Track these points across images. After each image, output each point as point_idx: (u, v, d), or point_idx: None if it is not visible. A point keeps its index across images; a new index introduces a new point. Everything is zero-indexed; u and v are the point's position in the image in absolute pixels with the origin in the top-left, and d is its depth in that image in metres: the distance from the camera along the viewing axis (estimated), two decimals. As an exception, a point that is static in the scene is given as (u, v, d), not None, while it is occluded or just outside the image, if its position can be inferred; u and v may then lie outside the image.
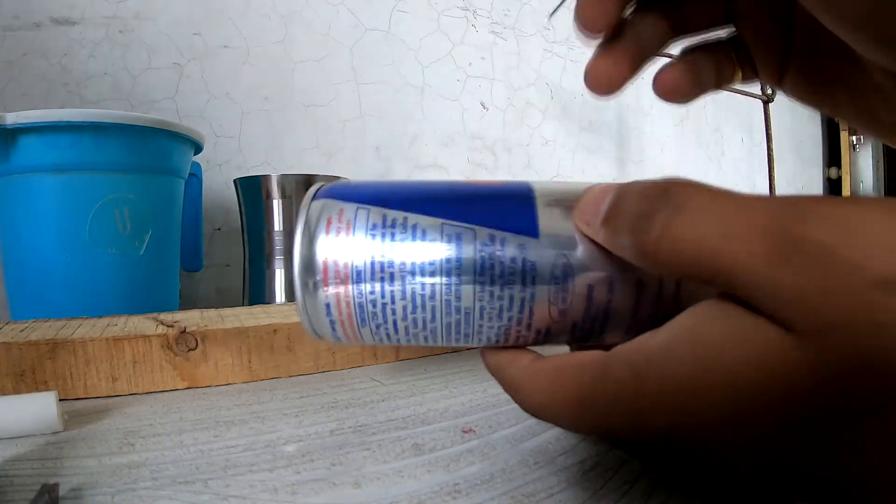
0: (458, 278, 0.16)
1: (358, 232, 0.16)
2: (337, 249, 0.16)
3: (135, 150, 0.44)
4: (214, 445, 0.21)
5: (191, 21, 0.69)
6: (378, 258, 0.16)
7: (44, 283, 0.43)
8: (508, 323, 0.17)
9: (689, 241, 0.12)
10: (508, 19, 0.95)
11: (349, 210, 0.17)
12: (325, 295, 0.17)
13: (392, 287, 0.16)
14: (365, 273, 0.16)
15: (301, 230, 0.17)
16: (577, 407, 0.14)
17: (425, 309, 0.16)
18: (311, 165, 0.75)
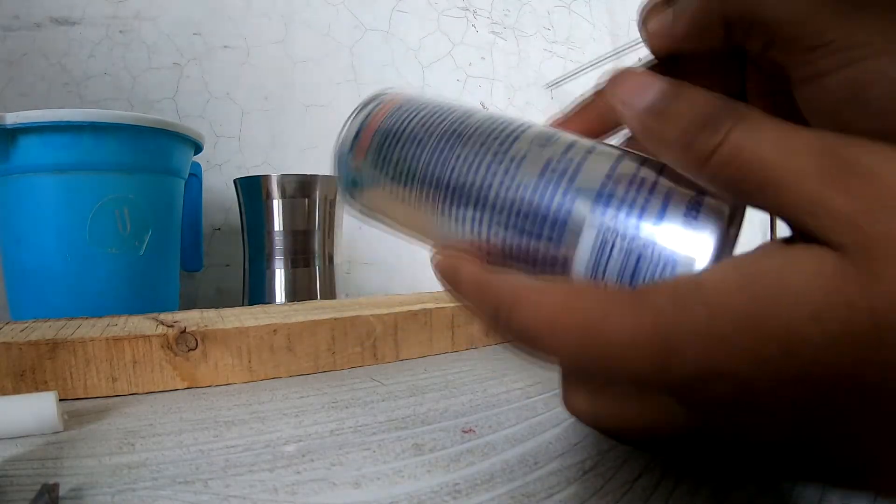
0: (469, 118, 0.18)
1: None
2: (395, 96, 0.19)
3: (135, 150, 0.44)
4: (214, 445, 0.21)
5: (191, 21, 0.69)
6: (426, 109, 0.18)
7: (44, 283, 0.43)
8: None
9: (748, 150, 0.12)
10: (508, 19, 0.95)
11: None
12: (370, 115, 0.19)
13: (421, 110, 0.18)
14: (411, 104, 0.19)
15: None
16: (595, 334, 0.13)
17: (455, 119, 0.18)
18: (311, 165, 0.75)
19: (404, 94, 0.20)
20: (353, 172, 0.19)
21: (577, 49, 1.03)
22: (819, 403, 0.11)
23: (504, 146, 0.16)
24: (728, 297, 0.11)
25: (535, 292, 0.14)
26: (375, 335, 0.33)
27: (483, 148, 0.16)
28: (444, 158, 0.17)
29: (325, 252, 0.57)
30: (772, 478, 0.18)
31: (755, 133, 0.12)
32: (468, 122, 0.17)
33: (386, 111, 0.19)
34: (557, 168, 0.15)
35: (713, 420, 0.13)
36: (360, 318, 0.32)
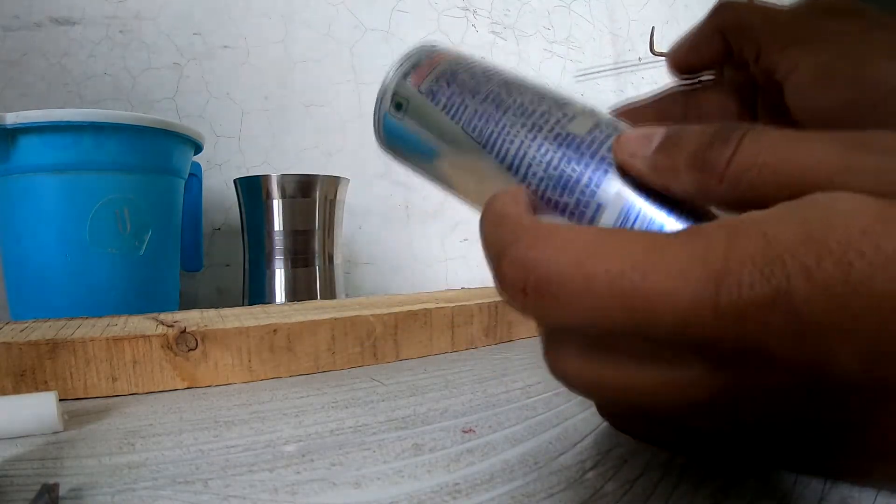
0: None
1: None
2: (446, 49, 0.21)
3: (135, 150, 0.44)
4: (214, 445, 0.21)
5: (191, 21, 0.69)
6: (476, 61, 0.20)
7: (44, 283, 0.43)
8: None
9: (764, 151, 0.12)
10: (508, 19, 0.95)
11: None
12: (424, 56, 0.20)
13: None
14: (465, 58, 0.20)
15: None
16: (634, 269, 0.11)
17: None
18: (311, 165, 0.75)
19: (449, 54, 0.21)
20: (402, 95, 0.20)
21: (576, 49, 1.03)
22: (877, 329, 0.10)
23: (558, 102, 0.17)
24: (779, 224, 0.11)
25: (567, 230, 0.13)
26: (375, 335, 0.33)
27: (539, 99, 0.18)
28: (500, 100, 0.18)
29: (325, 252, 0.57)
30: (773, 469, 0.18)
31: (767, 136, 0.12)
32: (523, 79, 0.19)
33: (448, 53, 0.20)
34: (602, 133, 0.16)
35: (740, 382, 0.12)
36: (360, 318, 0.32)
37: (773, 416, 0.12)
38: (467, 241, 0.89)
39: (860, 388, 0.11)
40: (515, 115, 0.17)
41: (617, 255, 0.12)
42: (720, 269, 0.11)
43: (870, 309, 0.10)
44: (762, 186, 0.12)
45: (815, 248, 0.10)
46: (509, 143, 0.17)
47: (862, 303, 0.10)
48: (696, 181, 0.13)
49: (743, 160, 0.13)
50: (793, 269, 0.10)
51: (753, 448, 0.14)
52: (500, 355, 0.35)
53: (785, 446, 0.13)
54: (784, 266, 0.10)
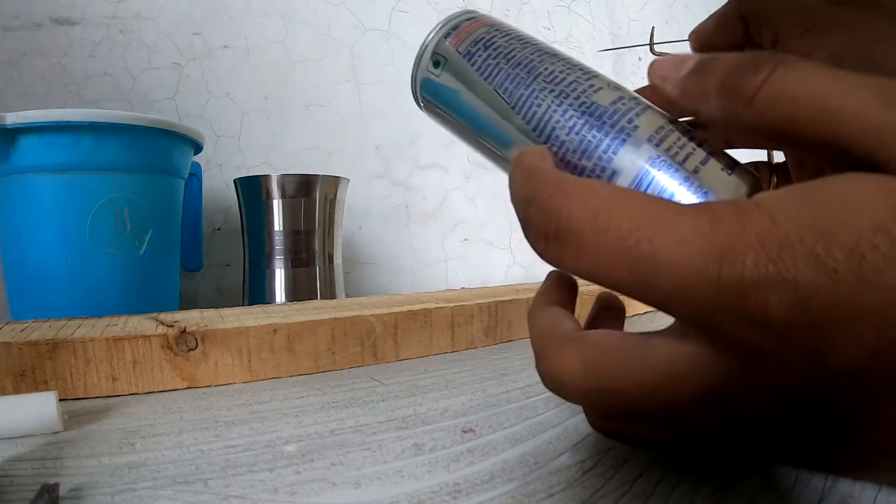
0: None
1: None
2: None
3: (135, 150, 0.44)
4: (214, 445, 0.21)
5: (191, 21, 0.69)
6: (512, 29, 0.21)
7: (44, 283, 0.43)
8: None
9: (797, 84, 0.12)
10: (508, 19, 0.95)
11: None
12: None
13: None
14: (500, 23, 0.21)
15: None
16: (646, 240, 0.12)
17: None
18: (311, 165, 0.75)
19: (490, 20, 0.22)
20: (441, 53, 0.21)
21: (577, 49, 1.03)
22: (876, 330, 0.10)
23: (587, 74, 0.18)
24: (790, 209, 0.11)
25: (586, 184, 0.13)
26: (375, 335, 0.33)
27: (569, 69, 0.18)
28: (534, 66, 0.19)
29: (325, 252, 0.57)
30: (771, 465, 0.18)
31: (801, 69, 0.12)
32: (558, 51, 0.20)
33: (488, 20, 0.21)
34: (624, 105, 0.17)
35: (740, 371, 0.12)
36: (360, 318, 0.32)
37: (774, 411, 0.12)
38: (467, 241, 0.89)
39: (863, 380, 0.11)
40: (545, 82, 0.18)
41: (630, 215, 0.12)
42: (725, 245, 0.11)
43: (882, 302, 0.10)
44: (793, 119, 0.12)
45: (826, 238, 0.10)
46: (537, 106, 0.18)
47: (874, 295, 0.10)
48: (725, 106, 0.13)
49: (774, 89, 0.12)
50: (801, 255, 0.10)
51: (752, 445, 0.14)
52: (500, 355, 0.35)
53: (785, 443, 0.13)
54: (792, 251, 0.10)
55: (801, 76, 0.12)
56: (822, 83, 0.12)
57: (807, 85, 0.12)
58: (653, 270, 0.12)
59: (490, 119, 0.19)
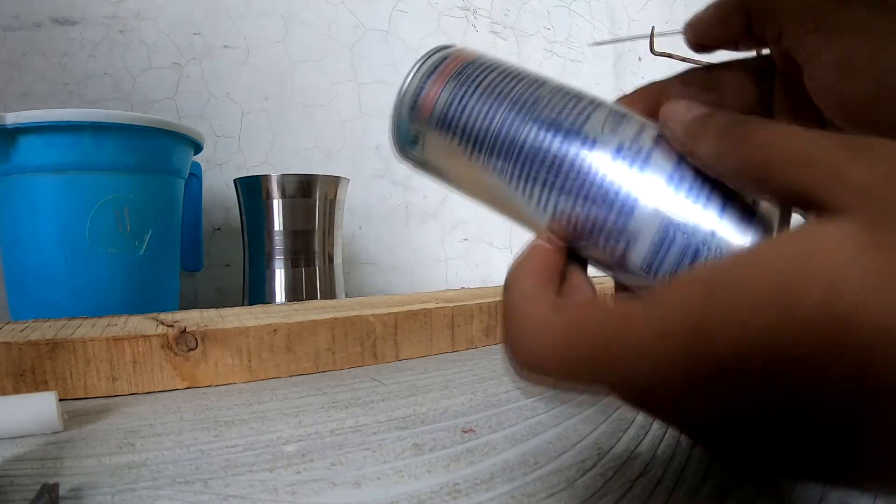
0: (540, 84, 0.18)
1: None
2: (461, 53, 0.19)
3: (135, 150, 0.44)
4: (214, 445, 0.21)
5: (191, 21, 0.69)
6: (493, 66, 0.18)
7: (44, 283, 0.43)
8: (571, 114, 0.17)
9: (775, 138, 0.13)
10: (508, 19, 0.95)
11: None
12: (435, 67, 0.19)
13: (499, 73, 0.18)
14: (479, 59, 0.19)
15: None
16: (611, 344, 0.13)
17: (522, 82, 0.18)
18: (311, 165, 0.75)
19: (469, 53, 0.19)
20: (413, 130, 0.19)
21: (576, 49, 1.03)
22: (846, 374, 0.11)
23: (578, 123, 0.16)
24: (754, 269, 0.11)
25: (540, 322, 0.14)
26: (375, 335, 0.33)
27: (556, 124, 0.17)
28: (515, 131, 0.17)
29: (325, 252, 0.57)
30: (776, 475, 0.18)
31: (780, 126, 0.14)
32: (539, 92, 0.17)
33: (452, 69, 0.18)
34: (628, 155, 0.16)
35: (738, 406, 0.12)
36: (360, 318, 0.32)
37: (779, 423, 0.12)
38: (467, 241, 0.89)
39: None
40: (535, 153, 0.16)
41: (588, 344, 0.13)
42: (698, 332, 0.12)
43: (849, 349, 0.11)
44: (769, 164, 0.13)
45: (791, 299, 0.11)
46: (538, 191, 0.17)
47: (839, 352, 0.11)
48: (716, 148, 0.15)
49: (758, 140, 0.14)
50: (771, 321, 0.11)
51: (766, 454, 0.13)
52: (500, 355, 0.35)
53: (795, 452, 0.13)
54: (762, 319, 0.11)
55: (780, 131, 0.13)
56: (796, 137, 0.13)
57: (784, 138, 0.13)
58: (633, 370, 0.13)
59: (489, 193, 0.18)
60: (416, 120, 0.18)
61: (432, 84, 0.18)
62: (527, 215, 0.17)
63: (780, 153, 0.13)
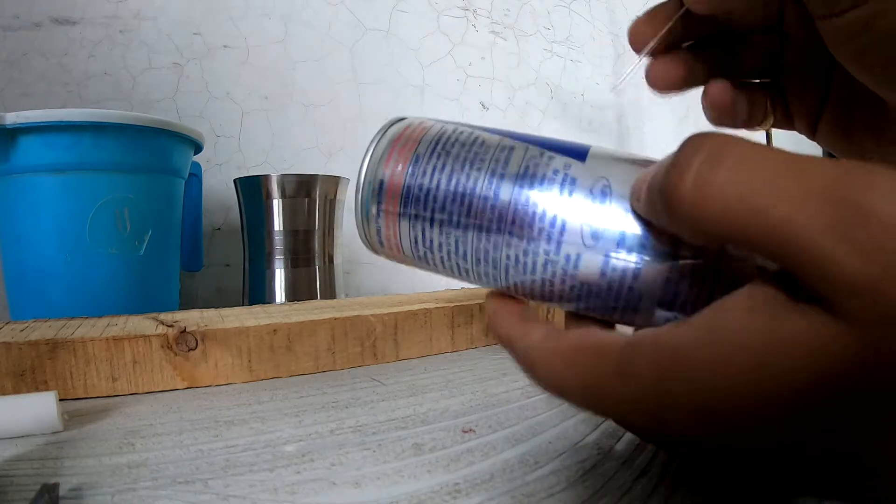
0: (500, 179, 0.17)
1: (431, 127, 0.19)
2: (407, 136, 0.19)
3: (135, 150, 0.44)
4: (214, 445, 0.21)
5: (191, 21, 0.69)
6: (439, 148, 0.18)
7: (44, 283, 0.43)
8: (538, 240, 0.16)
9: (734, 199, 0.10)
10: (508, 19, 0.95)
11: (427, 120, 0.20)
12: (384, 169, 0.19)
13: (441, 176, 0.18)
14: (423, 157, 0.18)
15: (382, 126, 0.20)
16: (594, 395, 0.14)
17: (465, 203, 0.17)
18: (311, 165, 0.75)
19: (420, 136, 0.19)
20: (378, 230, 0.19)
21: (576, 49, 1.03)
22: (809, 463, 0.11)
23: (553, 240, 0.16)
24: (707, 368, 0.11)
25: (545, 356, 0.15)
26: (375, 335, 0.33)
27: (532, 243, 0.16)
28: (482, 248, 0.17)
29: (325, 252, 0.57)
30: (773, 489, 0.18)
31: (737, 173, 0.10)
32: (502, 189, 0.17)
33: (407, 159, 0.19)
34: (616, 271, 0.15)
35: (709, 462, 0.14)
36: (360, 317, 0.32)
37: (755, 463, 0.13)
38: (467, 241, 0.89)
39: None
40: (509, 266, 0.17)
41: (580, 381, 0.14)
42: (655, 414, 0.12)
43: (816, 440, 0.11)
44: (724, 233, 0.11)
45: (749, 404, 0.11)
46: (526, 292, 0.17)
47: (804, 439, 0.11)
48: (666, 210, 0.12)
49: (701, 198, 0.11)
50: (724, 419, 0.11)
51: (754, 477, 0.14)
52: (500, 355, 0.35)
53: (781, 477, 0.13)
54: (714, 416, 0.11)
55: (735, 179, 0.10)
56: (761, 190, 0.10)
57: (743, 193, 0.10)
58: (614, 418, 0.14)
59: (464, 281, 0.19)
60: (378, 222, 0.19)
61: (389, 185, 0.19)
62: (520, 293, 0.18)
63: (746, 214, 0.10)
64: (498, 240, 0.17)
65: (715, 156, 0.11)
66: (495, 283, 0.18)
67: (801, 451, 0.11)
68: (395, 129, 0.20)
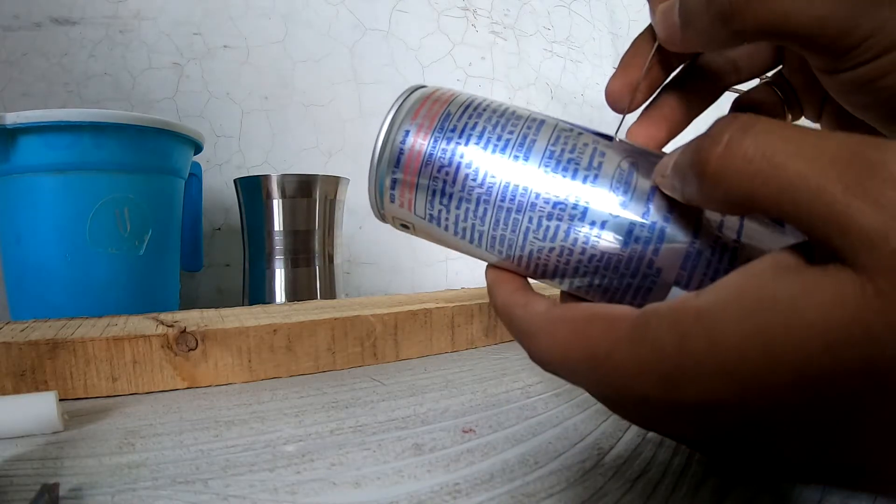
0: (531, 143, 0.17)
1: (461, 94, 0.19)
2: (437, 97, 0.19)
3: (135, 150, 0.44)
4: (214, 445, 0.21)
5: (191, 21, 0.69)
6: (470, 109, 0.18)
7: (44, 283, 0.43)
8: (564, 204, 0.16)
9: (757, 158, 0.11)
10: (508, 19, 0.95)
11: (455, 89, 0.19)
12: (409, 128, 0.18)
13: (471, 133, 0.17)
14: (454, 115, 0.18)
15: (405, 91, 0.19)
16: (602, 366, 0.13)
17: (493, 161, 0.17)
18: (311, 165, 0.75)
19: (450, 98, 0.19)
20: (402, 219, 0.19)
21: (577, 49, 1.03)
22: (828, 427, 0.11)
23: (579, 207, 0.16)
24: (732, 326, 0.11)
25: (549, 324, 0.15)
26: (375, 335, 0.33)
27: (558, 207, 0.16)
28: (504, 209, 0.17)
29: (325, 252, 0.57)
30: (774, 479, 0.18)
31: (765, 139, 0.11)
32: (533, 151, 0.17)
33: (437, 114, 0.18)
34: (639, 242, 0.16)
35: (719, 437, 0.13)
36: (360, 318, 0.32)
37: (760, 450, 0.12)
38: (467, 241, 0.89)
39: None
40: (529, 230, 0.16)
41: (588, 351, 0.13)
42: (669, 381, 0.12)
43: (830, 414, 0.11)
44: (750, 194, 0.11)
45: (768, 363, 0.10)
46: (543, 269, 0.17)
47: (818, 414, 0.11)
48: (694, 190, 0.13)
49: (728, 160, 0.11)
50: (741, 382, 0.11)
51: (754, 465, 0.14)
52: (500, 355, 0.35)
53: (783, 465, 0.13)
54: (732, 379, 0.11)
55: (762, 144, 0.11)
56: (783, 153, 0.11)
57: (768, 155, 0.11)
58: (619, 392, 0.13)
59: (484, 256, 0.18)
60: (401, 210, 0.19)
61: (412, 148, 0.18)
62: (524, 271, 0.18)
63: (764, 185, 0.11)
64: (523, 201, 0.16)
65: (746, 125, 0.11)
66: (508, 251, 0.17)
67: (818, 415, 0.11)
68: (423, 90, 0.19)
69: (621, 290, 0.16)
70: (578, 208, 0.16)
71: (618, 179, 0.16)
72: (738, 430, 0.12)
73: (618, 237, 0.16)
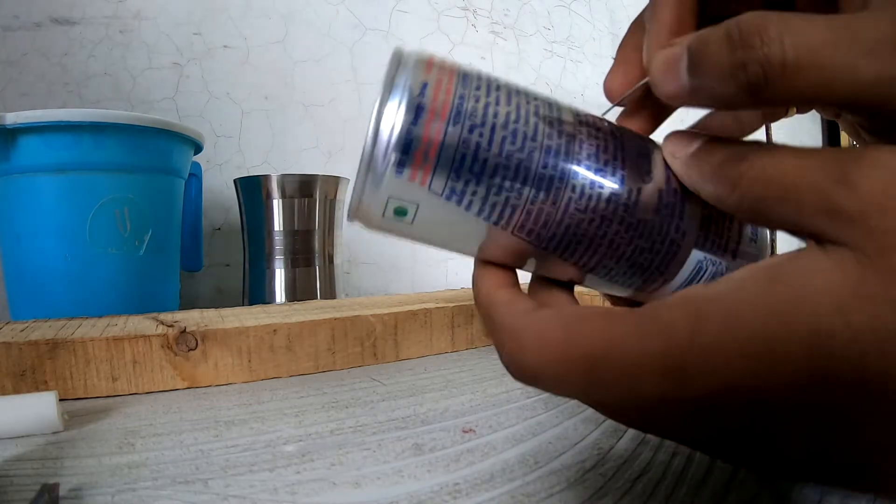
0: (558, 111, 0.16)
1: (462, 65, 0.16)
2: (442, 59, 0.16)
3: (135, 150, 0.44)
4: (214, 445, 0.21)
5: (191, 21, 0.69)
6: (484, 75, 0.16)
7: (44, 283, 0.43)
8: (603, 176, 0.15)
9: (770, 170, 0.12)
10: (508, 19, 0.95)
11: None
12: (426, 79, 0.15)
13: (499, 94, 0.15)
14: (472, 77, 0.16)
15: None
16: (599, 364, 0.12)
17: (528, 125, 0.15)
18: (311, 165, 0.75)
19: (456, 63, 0.16)
20: (407, 199, 0.16)
21: (577, 49, 1.03)
22: (839, 405, 0.11)
23: (617, 174, 0.16)
24: (747, 303, 0.11)
25: (538, 322, 0.14)
26: (375, 335, 0.33)
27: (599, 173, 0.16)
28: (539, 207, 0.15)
29: (325, 252, 0.57)
30: (774, 478, 0.18)
31: (776, 156, 0.13)
32: (557, 143, 0.15)
33: (453, 72, 0.15)
34: (668, 207, 0.16)
35: (723, 435, 0.12)
36: (360, 317, 0.32)
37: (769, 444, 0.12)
38: (467, 241, 0.89)
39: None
40: (576, 209, 0.15)
41: (584, 351, 0.13)
42: (680, 369, 0.12)
43: (841, 386, 0.11)
44: (767, 199, 0.13)
45: (784, 333, 0.11)
46: (571, 255, 0.16)
47: (830, 386, 0.11)
48: (717, 185, 0.14)
49: (753, 175, 0.13)
50: (756, 359, 0.11)
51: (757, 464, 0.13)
52: (500, 355, 0.35)
53: (787, 463, 0.13)
54: (747, 359, 0.11)
55: (776, 161, 0.12)
56: (790, 166, 0.12)
57: (779, 169, 0.12)
58: (621, 394, 0.13)
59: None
60: (409, 187, 0.16)
61: (423, 140, 0.15)
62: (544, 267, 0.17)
63: (774, 189, 0.12)
64: (566, 169, 0.15)
65: (764, 151, 0.13)
66: (541, 229, 0.15)
67: (827, 395, 0.11)
68: (419, 51, 0.16)
69: (645, 265, 0.16)
70: (617, 174, 0.16)
71: (644, 148, 0.16)
72: (744, 424, 0.12)
73: (651, 202, 0.16)
